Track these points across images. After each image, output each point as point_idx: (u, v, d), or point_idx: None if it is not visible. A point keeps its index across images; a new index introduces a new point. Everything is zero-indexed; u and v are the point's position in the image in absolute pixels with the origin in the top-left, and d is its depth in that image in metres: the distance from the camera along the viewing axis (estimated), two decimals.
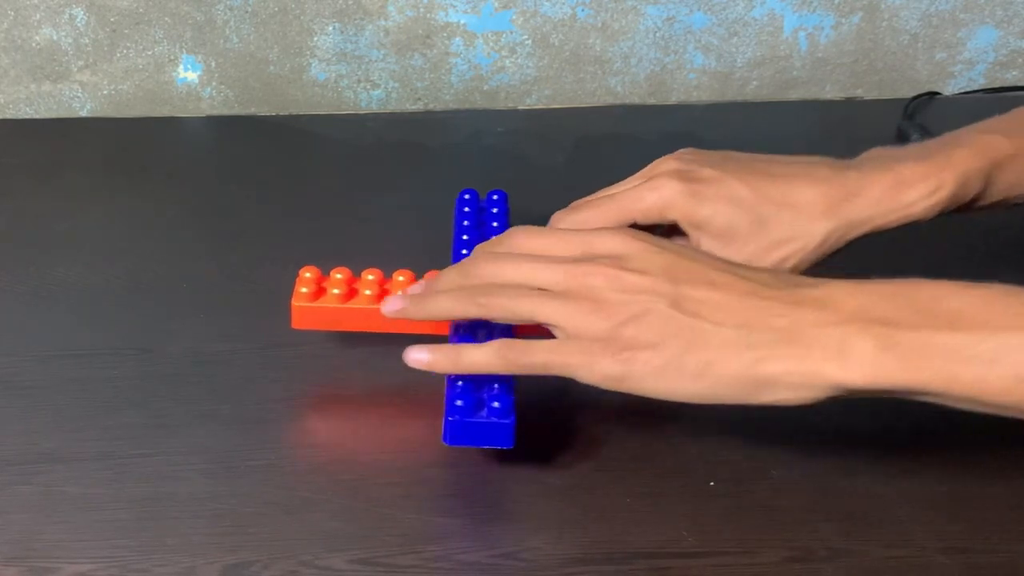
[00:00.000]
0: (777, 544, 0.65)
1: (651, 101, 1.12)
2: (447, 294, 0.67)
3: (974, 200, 0.71)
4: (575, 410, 0.73)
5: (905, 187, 0.70)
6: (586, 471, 0.69)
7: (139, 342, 0.79)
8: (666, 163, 0.73)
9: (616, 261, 0.63)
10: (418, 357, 0.66)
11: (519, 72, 1.10)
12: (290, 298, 0.74)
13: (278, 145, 1.06)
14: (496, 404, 0.66)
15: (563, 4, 1.08)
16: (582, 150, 1.03)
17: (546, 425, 0.72)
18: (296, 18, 1.07)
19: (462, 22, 1.08)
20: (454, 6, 1.07)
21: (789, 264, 0.70)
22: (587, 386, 0.70)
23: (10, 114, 1.08)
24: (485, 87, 1.11)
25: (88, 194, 0.96)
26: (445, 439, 0.66)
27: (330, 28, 1.07)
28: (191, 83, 1.08)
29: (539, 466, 0.69)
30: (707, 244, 0.70)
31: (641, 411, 0.68)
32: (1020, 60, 1.14)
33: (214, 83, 1.08)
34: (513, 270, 0.65)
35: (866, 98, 1.14)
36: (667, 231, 0.73)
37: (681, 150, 0.74)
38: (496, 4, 1.07)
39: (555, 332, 0.63)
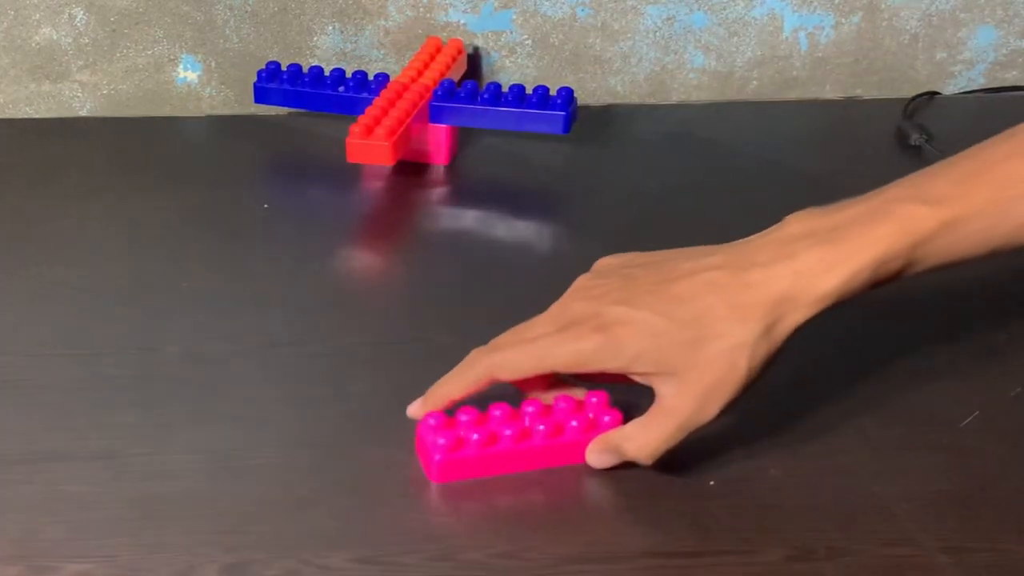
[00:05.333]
0: (777, 544, 0.65)
1: (651, 101, 1.12)
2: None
3: (896, 277, 0.65)
4: None
5: (814, 279, 0.64)
6: (586, 471, 0.69)
7: (139, 342, 0.79)
8: (574, 304, 0.68)
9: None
10: None
11: (519, 72, 1.10)
12: None
13: (278, 145, 1.06)
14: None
15: (563, 4, 1.08)
16: (582, 150, 1.03)
17: None
18: (296, 18, 1.06)
19: (462, 22, 1.08)
20: (454, 6, 1.07)
21: (744, 367, 0.65)
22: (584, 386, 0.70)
23: (10, 114, 1.08)
24: None
25: (88, 194, 0.96)
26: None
27: (330, 28, 1.07)
28: (191, 83, 1.08)
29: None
30: (646, 382, 0.67)
31: (640, 410, 0.68)
32: (1020, 60, 1.14)
33: (214, 83, 1.08)
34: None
35: (866, 98, 1.14)
36: None
37: (586, 275, 0.70)
38: (496, 4, 1.07)
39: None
